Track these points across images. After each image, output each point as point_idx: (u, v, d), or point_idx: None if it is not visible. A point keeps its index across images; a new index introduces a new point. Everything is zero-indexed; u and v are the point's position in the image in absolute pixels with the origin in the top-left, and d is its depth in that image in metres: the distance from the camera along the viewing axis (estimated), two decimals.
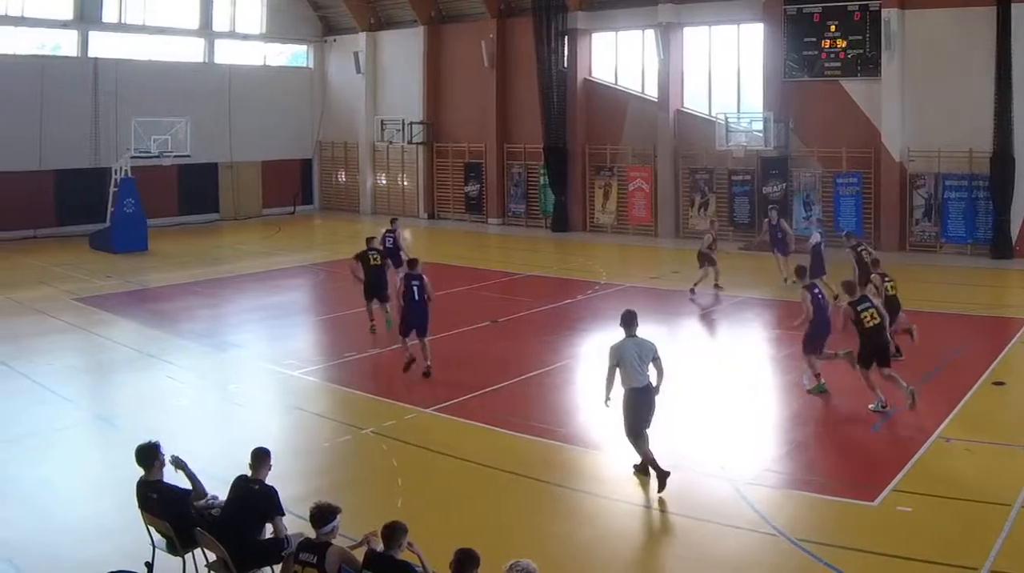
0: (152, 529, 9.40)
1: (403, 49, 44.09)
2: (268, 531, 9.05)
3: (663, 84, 35.73)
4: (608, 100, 38.02)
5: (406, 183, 45.22)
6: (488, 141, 41.24)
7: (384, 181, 46.33)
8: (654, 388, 11.97)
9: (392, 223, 24.75)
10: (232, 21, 44.69)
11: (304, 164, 48.33)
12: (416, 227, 41.45)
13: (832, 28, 31.62)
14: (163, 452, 9.50)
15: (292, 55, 48.56)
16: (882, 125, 30.81)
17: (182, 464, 9.59)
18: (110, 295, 26.04)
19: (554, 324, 21.78)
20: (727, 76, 35.28)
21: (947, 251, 30.09)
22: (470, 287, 26.77)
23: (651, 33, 35.84)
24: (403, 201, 45.17)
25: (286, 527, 9.04)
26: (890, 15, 30.01)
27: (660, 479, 11.75)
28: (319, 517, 7.92)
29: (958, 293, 24.78)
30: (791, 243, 25.10)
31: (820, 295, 15.95)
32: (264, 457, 9.28)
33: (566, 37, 37.91)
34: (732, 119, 33.77)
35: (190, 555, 9.19)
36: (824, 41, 31.83)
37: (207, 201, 43.70)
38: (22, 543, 10.52)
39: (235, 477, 9.28)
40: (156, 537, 9.41)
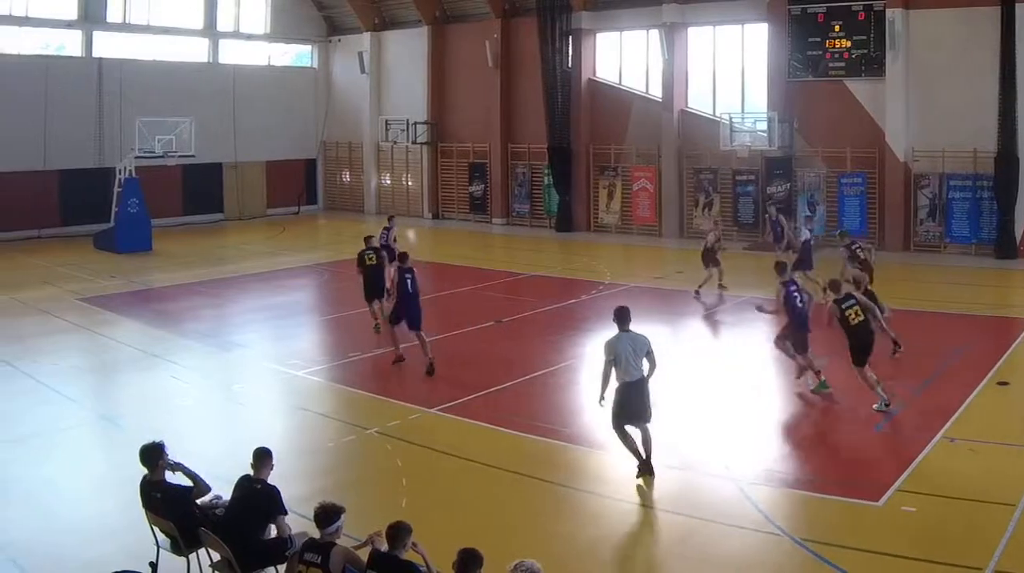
0: (156, 529, 9.42)
1: (407, 49, 44.09)
2: (272, 531, 9.05)
3: (667, 84, 35.74)
4: (612, 100, 38.01)
5: (410, 183, 45.22)
6: (492, 141, 41.24)
7: (388, 181, 46.33)
8: (646, 382, 12.12)
9: (389, 221, 26.02)
10: (236, 21, 44.74)
11: (308, 164, 48.35)
12: (420, 227, 41.53)
13: (836, 28, 31.60)
14: (167, 452, 9.52)
15: (296, 55, 48.59)
16: (886, 125, 30.79)
17: (180, 466, 9.59)
18: (114, 295, 26.07)
19: (558, 324, 21.78)
20: (731, 76, 35.26)
21: (951, 251, 30.07)
22: (474, 287, 26.79)
23: (655, 33, 35.87)
24: (407, 201, 45.20)
25: (289, 526, 9.05)
26: (894, 15, 29.99)
27: (642, 469, 12.13)
28: (323, 517, 7.91)
29: (962, 293, 24.76)
30: (788, 238, 24.89)
31: (796, 292, 16.03)
32: (266, 457, 9.27)
33: (570, 37, 37.91)
34: (736, 119, 33.80)
35: (194, 555, 9.19)
36: (828, 41, 31.81)
37: (211, 201, 43.73)
38: (26, 543, 10.53)
39: (239, 477, 9.30)
40: (160, 537, 9.43)
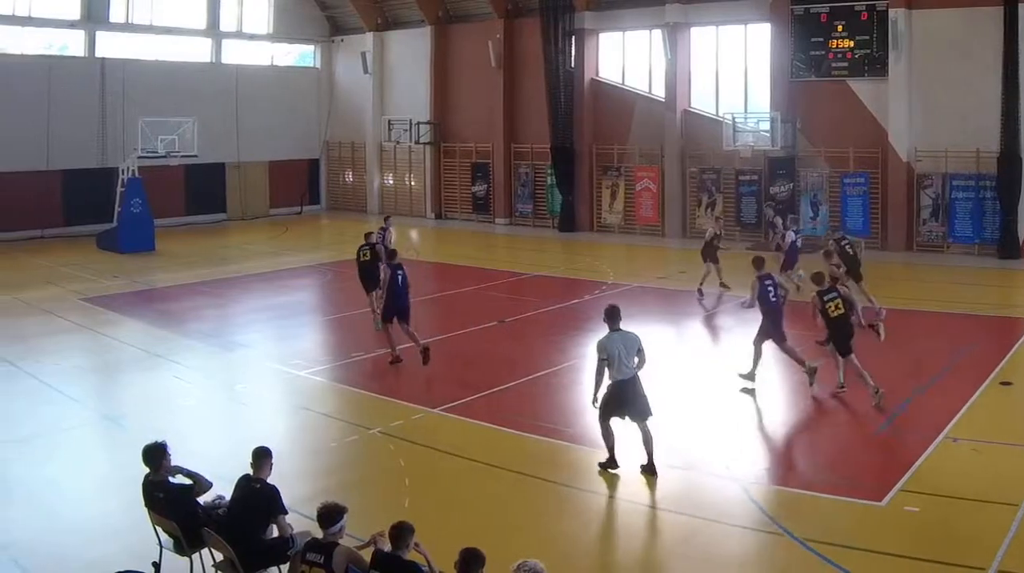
0: (159, 529, 9.43)
1: (410, 49, 44.08)
2: (275, 531, 9.04)
3: (670, 84, 35.73)
4: (615, 100, 38.00)
5: (413, 183, 45.22)
6: (495, 141, 41.23)
7: (391, 181, 46.32)
8: (638, 380, 12.26)
9: (385, 221, 26.27)
10: (239, 21, 44.74)
11: (311, 164, 48.33)
12: (423, 227, 41.50)
13: (839, 28, 31.57)
14: (170, 453, 9.52)
15: (299, 55, 48.60)
16: (889, 125, 30.75)
17: (179, 469, 9.58)
18: (117, 295, 26.07)
19: (561, 324, 21.77)
20: (734, 76, 35.25)
21: (954, 251, 30.02)
22: (477, 287, 26.79)
23: (658, 33, 35.84)
24: (410, 201, 45.20)
25: (290, 526, 9.05)
26: (897, 15, 29.96)
27: (607, 465, 12.41)
28: (326, 517, 7.90)
29: (965, 293, 24.73)
30: (776, 240, 24.70)
31: (771, 286, 16.28)
32: (265, 456, 9.25)
33: (573, 37, 37.87)
34: (739, 119, 33.76)
35: (197, 555, 9.20)
36: (831, 41, 31.78)
37: (214, 201, 43.70)
38: (29, 543, 10.53)
39: (239, 477, 9.30)
40: (163, 537, 9.43)
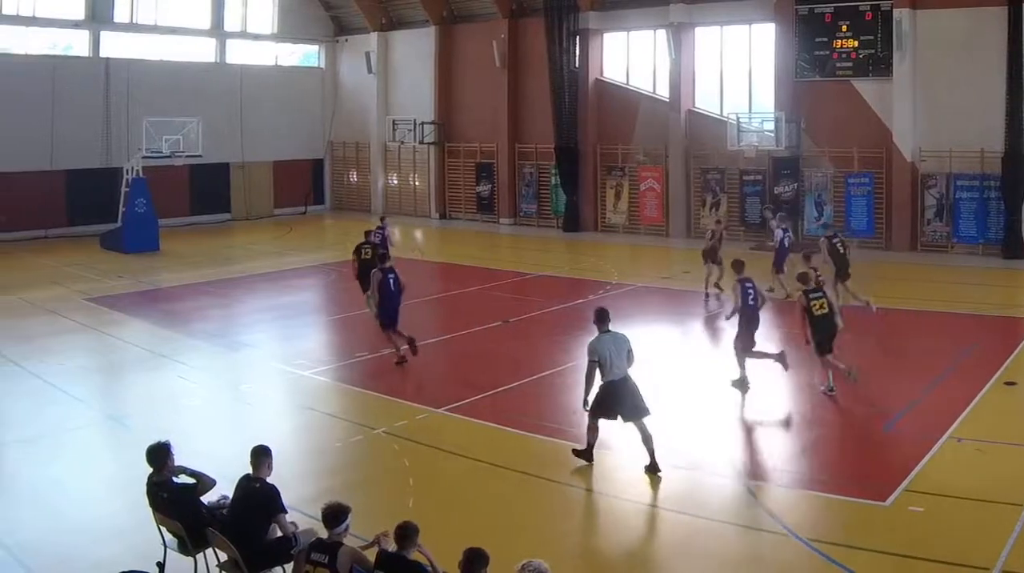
0: (164, 529, 9.43)
1: (415, 49, 44.10)
2: (279, 530, 9.03)
3: (674, 84, 35.70)
4: (620, 100, 37.98)
5: (418, 183, 45.22)
6: (500, 141, 41.22)
7: (396, 181, 46.33)
8: (631, 379, 12.37)
9: (381, 221, 26.93)
10: (244, 21, 44.76)
11: (316, 164, 48.34)
12: (428, 227, 41.51)
13: (844, 28, 31.54)
14: (174, 453, 9.52)
15: (304, 55, 48.62)
16: (894, 125, 30.72)
17: (182, 469, 9.57)
18: (122, 295, 26.09)
19: (565, 324, 21.74)
20: (738, 76, 35.21)
21: (959, 251, 29.98)
22: (481, 287, 26.80)
23: (662, 33, 35.80)
24: (415, 201, 45.22)
25: (294, 524, 9.06)
26: (902, 15, 29.93)
27: (582, 454, 12.59)
28: (331, 517, 7.92)
29: (970, 293, 24.71)
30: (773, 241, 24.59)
31: (751, 289, 16.24)
32: (263, 455, 9.22)
33: (578, 37, 37.87)
34: (744, 119, 33.72)
35: (201, 555, 9.21)
36: (836, 41, 31.74)
37: (219, 201, 43.72)
38: (34, 543, 10.55)
39: (239, 477, 9.30)
40: (167, 537, 9.43)
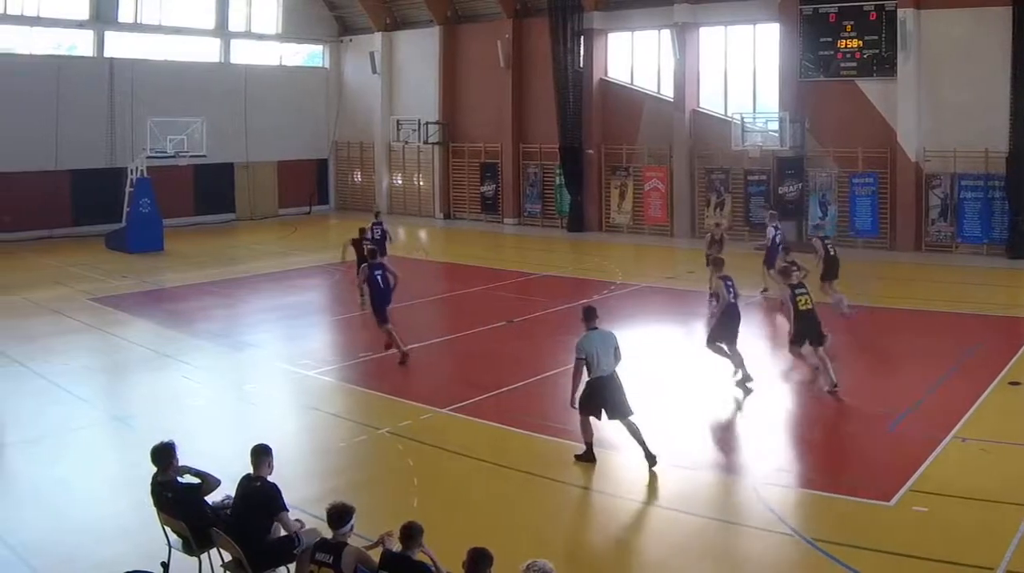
0: (168, 529, 9.43)
1: (419, 49, 44.10)
2: (282, 530, 9.03)
3: (679, 84, 35.70)
4: (624, 100, 37.96)
5: (422, 183, 45.23)
6: (504, 141, 41.22)
7: (400, 181, 46.34)
8: (617, 377, 12.50)
9: (376, 216, 27.83)
10: (248, 21, 44.81)
11: (320, 164, 48.40)
12: (432, 227, 41.59)
13: (848, 28, 31.52)
14: (178, 452, 9.52)
15: (308, 55, 48.65)
16: (898, 125, 30.69)
17: (187, 469, 9.56)
18: (126, 295, 26.13)
19: (569, 324, 21.55)
20: (743, 76, 35.20)
21: (963, 251, 29.96)
22: (486, 287, 26.80)
23: (667, 33, 35.81)
24: (419, 201, 45.24)
25: (299, 522, 9.07)
26: (906, 15, 29.88)
27: (583, 458, 12.66)
28: (336, 517, 7.92)
29: (974, 293, 24.68)
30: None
31: (731, 287, 16.47)
32: (263, 453, 9.21)
33: (582, 37, 37.86)
34: (748, 119, 33.74)
35: (206, 555, 9.21)
36: (840, 41, 31.72)
37: (223, 201, 43.77)
38: (38, 543, 10.55)
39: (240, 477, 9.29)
40: (172, 537, 9.43)
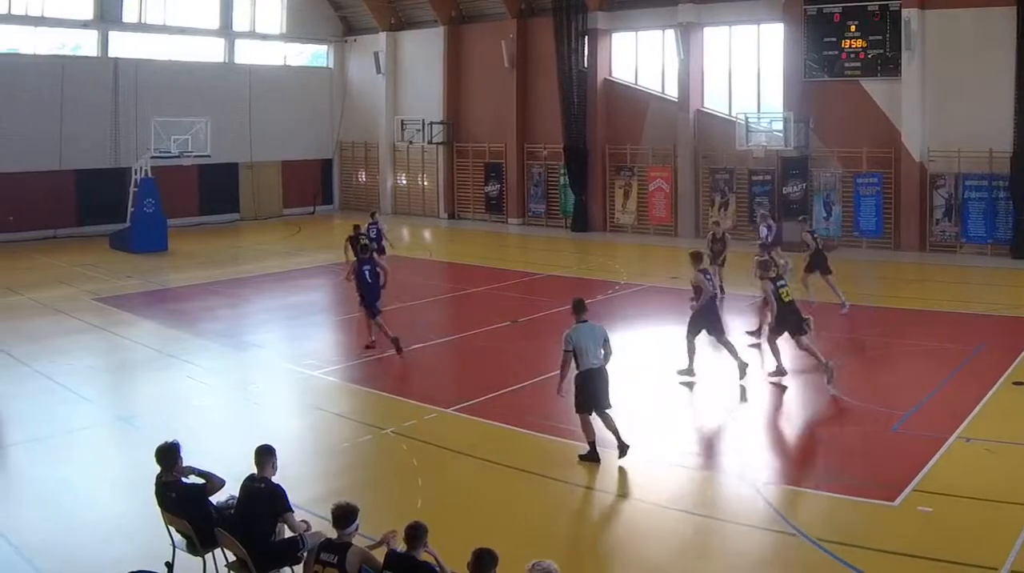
0: (172, 529, 9.44)
1: (423, 49, 44.13)
2: (287, 530, 9.02)
3: (683, 84, 35.70)
4: (628, 100, 37.96)
5: (426, 183, 45.23)
6: (508, 141, 41.23)
7: (404, 181, 46.33)
8: (606, 370, 12.81)
9: (372, 216, 28.28)
10: (252, 21, 44.81)
11: (324, 164, 48.38)
12: (436, 227, 41.59)
13: (852, 28, 31.50)
14: (182, 453, 9.52)
15: (312, 55, 48.65)
16: (902, 125, 30.68)
17: (191, 469, 9.56)
18: (130, 295, 26.14)
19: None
20: (747, 76, 35.19)
21: (967, 251, 29.94)
22: (490, 287, 26.82)
23: (671, 33, 35.80)
24: (423, 201, 45.25)
25: (305, 523, 9.04)
26: (910, 15, 29.86)
27: (587, 458, 12.70)
28: (342, 518, 7.92)
29: (978, 293, 24.68)
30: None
31: (709, 280, 16.89)
32: (267, 454, 9.17)
33: (586, 37, 37.87)
34: (752, 119, 33.70)
35: (210, 555, 9.20)
36: (844, 41, 31.70)
37: (227, 201, 43.76)
38: (42, 544, 10.55)
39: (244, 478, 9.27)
40: (176, 537, 9.44)
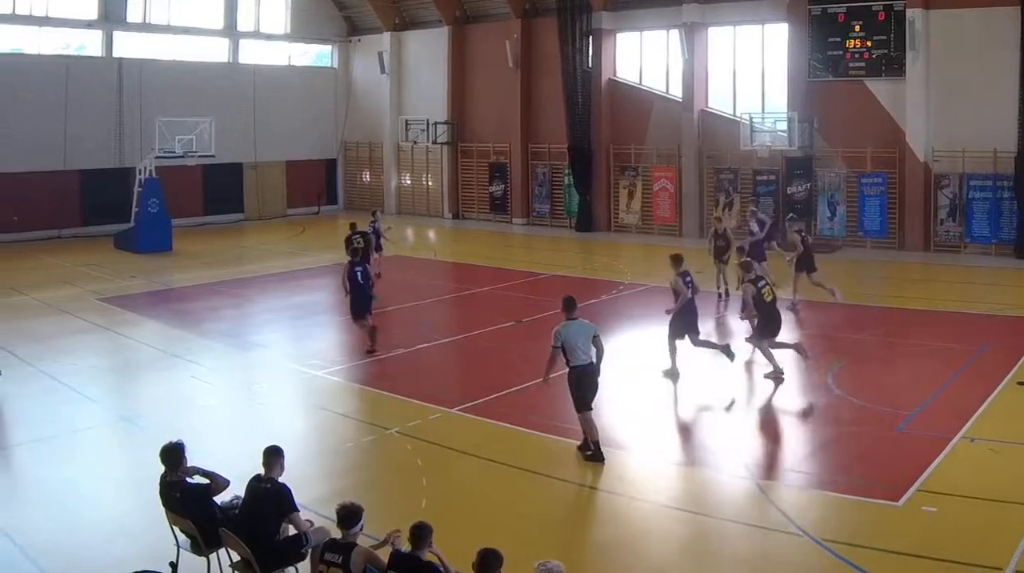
0: (176, 529, 9.44)
1: (428, 49, 44.16)
2: (292, 529, 9.01)
3: (687, 84, 35.67)
4: (632, 100, 37.95)
5: (430, 183, 45.24)
6: (513, 141, 41.23)
7: (409, 181, 46.36)
8: (596, 366, 12.92)
9: (373, 215, 29.14)
10: (257, 21, 44.84)
11: (329, 164, 48.41)
12: (441, 227, 41.59)
13: (857, 28, 31.47)
14: (187, 453, 9.52)
15: (317, 55, 48.68)
16: (907, 125, 30.65)
17: (196, 470, 9.55)
18: (134, 295, 26.16)
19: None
20: (751, 76, 35.16)
21: (971, 251, 29.91)
22: (494, 287, 26.83)
23: (675, 33, 35.77)
24: (427, 201, 45.26)
25: (309, 522, 9.05)
26: (915, 15, 29.84)
27: (592, 457, 12.80)
28: (346, 518, 7.93)
29: (982, 293, 24.66)
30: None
31: (689, 282, 17.02)
32: (275, 455, 9.18)
33: (590, 37, 37.88)
34: (756, 119, 33.65)
35: (214, 555, 9.21)
36: (849, 41, 31.68)
37: (232, 201, 43.79)
38: (47, 544, 10.56)
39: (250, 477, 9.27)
40: (180, 537, 9.44)
